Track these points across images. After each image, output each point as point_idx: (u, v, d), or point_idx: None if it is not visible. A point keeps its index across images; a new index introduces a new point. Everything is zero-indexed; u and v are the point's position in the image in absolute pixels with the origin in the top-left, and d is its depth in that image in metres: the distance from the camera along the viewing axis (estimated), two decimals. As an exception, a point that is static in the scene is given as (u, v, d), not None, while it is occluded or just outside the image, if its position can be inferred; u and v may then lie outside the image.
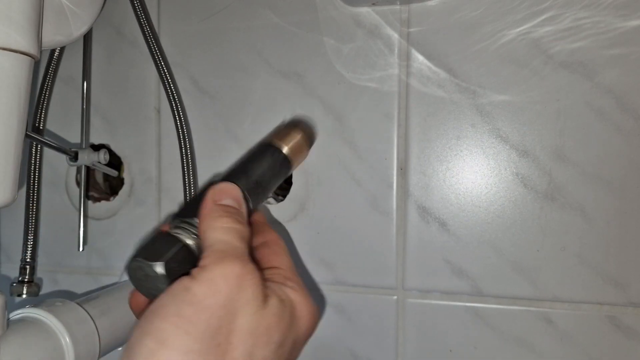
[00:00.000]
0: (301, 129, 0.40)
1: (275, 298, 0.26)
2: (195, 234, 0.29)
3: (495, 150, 0.46)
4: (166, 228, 0.30)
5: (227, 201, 0.30)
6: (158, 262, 0.26)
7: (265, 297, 0.26)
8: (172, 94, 0.51)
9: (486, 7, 0.46)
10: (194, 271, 0.25)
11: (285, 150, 0.37)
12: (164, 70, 0.51)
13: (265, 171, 0.35)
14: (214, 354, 0.23)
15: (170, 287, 0.25)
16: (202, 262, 0.25)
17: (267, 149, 0.37)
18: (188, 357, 0.22)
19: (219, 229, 0.27)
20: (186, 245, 0.28)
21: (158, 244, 0.28)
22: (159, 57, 0.51)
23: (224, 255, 0.25)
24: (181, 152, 0.51)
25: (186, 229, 0.29)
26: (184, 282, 0.24)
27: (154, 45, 0.51)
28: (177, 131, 0.51)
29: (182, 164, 0.51)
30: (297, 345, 0.28)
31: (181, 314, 0.23)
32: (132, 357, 0.23)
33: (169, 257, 0.27)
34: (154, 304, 0.24)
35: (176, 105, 0.51)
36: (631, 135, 0.43)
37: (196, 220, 0.29)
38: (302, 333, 0.28)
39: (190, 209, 0.30)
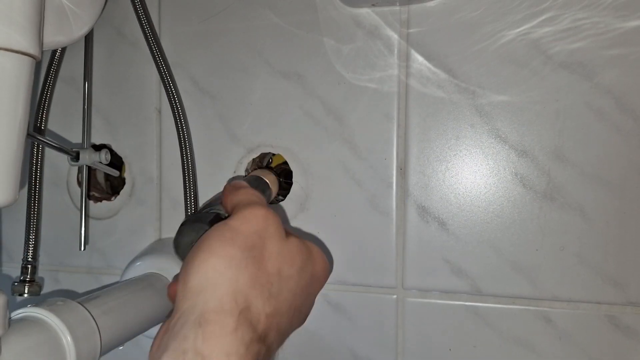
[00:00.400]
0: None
1: (294, 237, 0.32)
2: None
3: (494, 150, 0.47)
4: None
5: (241, 185, 0.36)
6: (203, 224, 0.33)
7: (287, 234, 0.31)
8: (172, 94, 0.51)
9: (486, 8, 0.46)
10: (228, 218, 0.31)
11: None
12: (164, 70, 0.51)
13: None
14: (251, 263, 0.28)
15: (208, 231, 0.30)
16: (233, 211, 0.31)
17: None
18: (232, 262, 0.27)
19: (241, 194, 0.33)
20: (219, 213, 0.35)
21: (198, 215, 0.35)
22: (159, 58, 0.51)
23: (249, 203, 0.31)
24: (181, 152, 0.51)
25: (213, 207, 0.36)
26: (220, 223, 0.30)
27: (154, 46, 0.51)
28: (177, 132, 0.52)
29: (182, 164, 0.51)
30: (314, 283, 0.33)
31: (224, 235, 0.29)
32: (189, 266, 0.28)
33: (210, 219, 0.34)
34: (200, 239, 0.30)
35: (176, 106, 0.51)
36: (630, 136, 0.44)
37: (219, 205, 0.35)
38: (318, 273, 0.33)
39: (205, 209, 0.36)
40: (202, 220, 0.34)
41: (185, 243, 0.34)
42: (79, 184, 0.57)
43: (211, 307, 0.26)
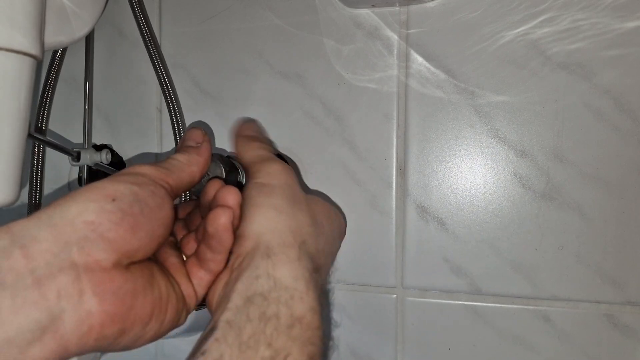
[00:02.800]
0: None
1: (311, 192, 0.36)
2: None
3: (493, 151, 0.47)
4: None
5: (250, 132, 0.37)
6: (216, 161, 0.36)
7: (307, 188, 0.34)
8: (170, 94, 0.51)
9: (485, 9, 0.46)
10: (254, 176, 0.33)
11: None
12: (161, 70, 0.51)
13: None
14: (297, 208, 0.31)
15: (245, 190, 0.32)
16: (254, 168, 0.33)
17: None
18: (280, 209, 0.30)
19: (254, 148, 0.35)
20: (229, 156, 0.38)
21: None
22: (156, 57, 0.51)
23: (267, 159, 0.34)
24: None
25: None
26: (251, 183, 0.32)
27: (151, 45, 0.51)
28: (174, 132, 0.52)
29: None
30: (337, 236, 0.36)
31: (262, 190, 0.31)
32: (241, 223, 0.29)
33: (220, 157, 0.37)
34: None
35: (173, 107, 0.52)
36: (629, 136, 0.44)
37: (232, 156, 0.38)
38: (341, 227, 0.37)
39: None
40: (215, 158, 0.36)
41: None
42: (80, 184, 0.57)
43: (275, 243, 0.28)
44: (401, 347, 0.50)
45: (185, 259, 0.31)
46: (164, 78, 0.51)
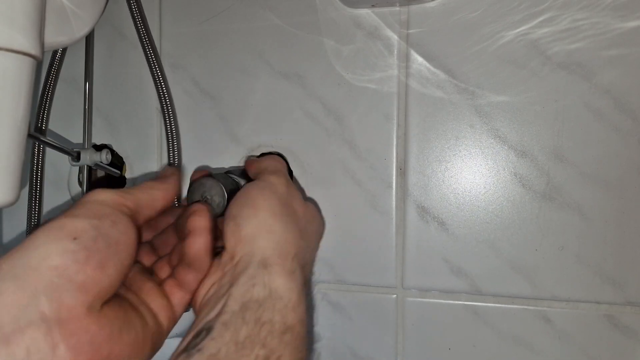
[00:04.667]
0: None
1: (310, 202, 0.39)
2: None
3: (493, 151, 0.47)
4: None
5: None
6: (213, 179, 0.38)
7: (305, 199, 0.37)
8: (164, 95, 0.52)
9: (485, 9, 0.46)
10: (258, 178, 0.36)
11: None
12: (156, 70, 0.51)
13: None
14: (290, 215, 0.32)
15: (246, 187, 0.34)
16: (261, 173, 0.36)
17: None
18: (276, 214, 0.31)
19: (267, 161, 0.39)
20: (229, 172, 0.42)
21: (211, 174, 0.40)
22: (152, 57, 0.51)
23: (275, 171, 0.36)
24: (169, 154, 0.52)
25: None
26: (253, 183, 0.34)
27: (148, 46, 0.52)
28: (167, 134, 0.52)
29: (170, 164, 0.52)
30: (317, 244, 0.41)
31: (263, 191, 0.33)
32: (238, 218, 0.31)
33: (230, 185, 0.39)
34: (240, 195, 0.33)
35: (167, 108, 0.52)
36: (629, 136, 0.44)
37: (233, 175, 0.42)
38: (320, 235, 0.42)
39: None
40: (213, 176, 0.38)
41: (197, 197, 0.38)
42: (80, 184, 0.57)
43: (271, 252, 0.29)
44: (401, 347, 0.50)
45: (159, 282, 0.30)
46: (159, 78, 0.52)
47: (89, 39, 0.55)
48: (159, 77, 0.52)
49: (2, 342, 0.19)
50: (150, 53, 0.52)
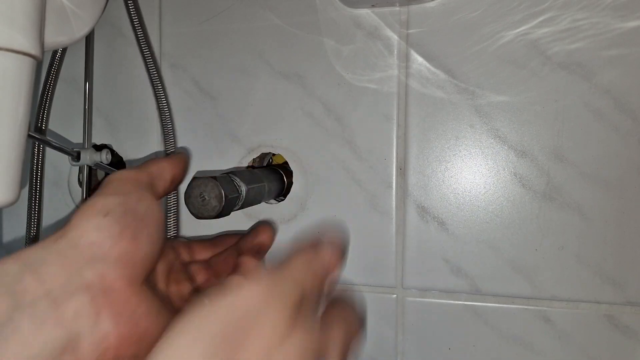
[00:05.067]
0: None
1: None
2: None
3: (493, 151, 0.47)
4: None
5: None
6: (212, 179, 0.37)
7: None
8: (160, 96, 0.52)
9: (485, 9, 0.46)
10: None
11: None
12: (152, 71, 0.51)
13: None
14: None
15: None
16: None
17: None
18: None
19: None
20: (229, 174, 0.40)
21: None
22: (148, 57, 0.51)
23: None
24: (166, 154, 0.52)
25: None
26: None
27: (145, 46, 0.52)
28: (163, 134, 0.52)
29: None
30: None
31: None
32: None
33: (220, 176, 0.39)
34: None
35: (163, 108, 0.52)
36: (629, 136, 0.44)
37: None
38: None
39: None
40: (216, 179, 0.38)
41: (195, 195, 0.38)
42: (80, 184, 0.57)
43: None
44: (401, 347, 0.50)
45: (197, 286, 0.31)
46: (155, 78, 0.52)
47: (89, 39, 0.55)
48: (155, 77, 0.52)
49: (52, 305, 0.21)
50: (146, 51, 0.51)
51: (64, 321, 0.21)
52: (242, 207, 0.41)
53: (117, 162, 0.57)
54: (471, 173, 0.47)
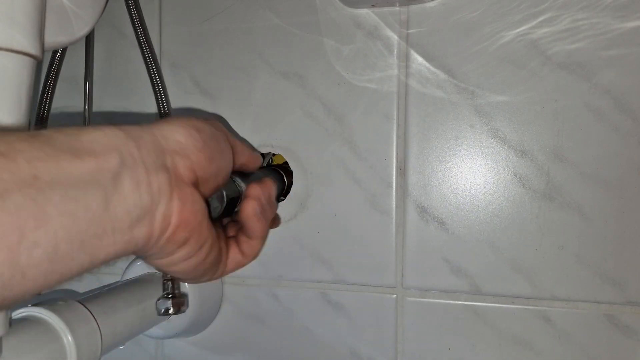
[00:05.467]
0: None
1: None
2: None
3: (493, 151, 0.47)
4: None
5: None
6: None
7: None
8: (160, 94, 0.52)
9: (485, 9, 0.46)
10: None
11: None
12: (153, 70, 0.52)
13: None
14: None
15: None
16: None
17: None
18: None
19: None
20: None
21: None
22: (149, 56, 0.52)
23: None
24: None
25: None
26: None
27: (145, 46, 0.52)
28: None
29: None
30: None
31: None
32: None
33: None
34: None
35: (163, 106, 0.52)
36: (629, 136, 0.44)
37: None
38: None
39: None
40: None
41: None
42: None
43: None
44: (401, 347, 0.50)
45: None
46: (155, 78, 0.52)
47: (89, 39, 0.55)
48: (155, 76, 0.52)
49: (146, 173, 0.24)
50: (147, 51, 0.52)
51: (151, 190, 0.23)
52: None
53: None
54: (471, 173, 0.47)
